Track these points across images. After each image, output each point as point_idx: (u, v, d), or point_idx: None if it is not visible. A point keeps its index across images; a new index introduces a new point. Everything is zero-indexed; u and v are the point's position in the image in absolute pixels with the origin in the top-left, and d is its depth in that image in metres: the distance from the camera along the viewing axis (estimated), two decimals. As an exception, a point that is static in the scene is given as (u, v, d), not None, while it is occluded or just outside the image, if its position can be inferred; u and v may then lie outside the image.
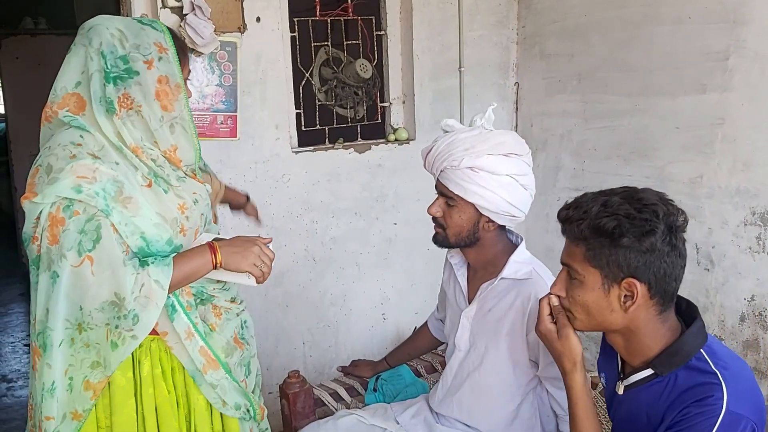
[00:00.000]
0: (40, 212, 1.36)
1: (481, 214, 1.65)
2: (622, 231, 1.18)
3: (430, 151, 1.70)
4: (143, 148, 1.45)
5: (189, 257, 1.46)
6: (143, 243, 1.43)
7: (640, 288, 1.21)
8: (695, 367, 1.21)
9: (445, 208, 1.69)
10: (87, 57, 1.41)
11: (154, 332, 1.51)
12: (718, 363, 1.20)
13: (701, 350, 1.23)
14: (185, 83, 1.50)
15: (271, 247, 1.55)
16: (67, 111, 1.42)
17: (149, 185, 1.45)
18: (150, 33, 1.44)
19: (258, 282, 1.53)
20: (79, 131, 1.41)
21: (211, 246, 1.49)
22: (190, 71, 1.57)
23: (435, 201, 1.71)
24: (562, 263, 1.31)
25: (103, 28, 1.43)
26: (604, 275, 1.23)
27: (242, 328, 1.69)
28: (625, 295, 1.23)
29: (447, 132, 1.70)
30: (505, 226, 1.73)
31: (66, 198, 1.35)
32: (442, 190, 1.69)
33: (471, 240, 1.69)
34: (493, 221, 1.66)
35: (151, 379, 1.53)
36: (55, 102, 1.43)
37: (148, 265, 1.40)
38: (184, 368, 1.57)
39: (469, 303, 1.76)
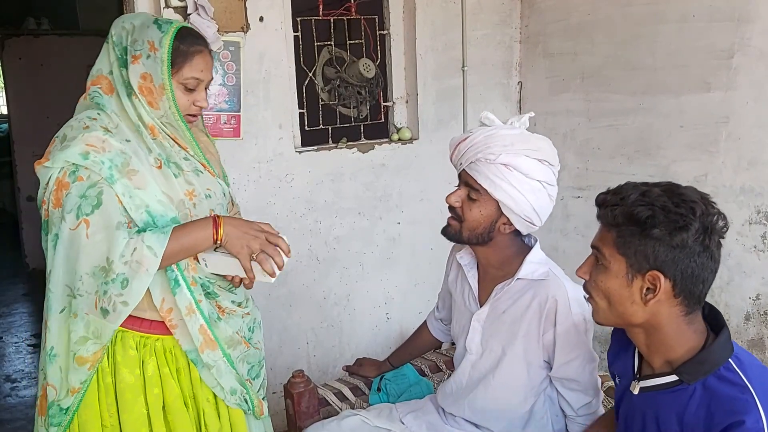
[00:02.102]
0: (50, 177, 1.42)
1: (501, 213, 1.62)
2: (654, 222, 1.16)
3: (464, 140, 1.64)
4: (159, 128, 1.51)
5: (189, 228, 1.45)
6: (149, 218, 1.45)
7: (664, 283, 1.18)
8: (725, 377, 1.18)
9: (465, 201, 1.64)
10: (109, 46, 1.51)
11: (162, 330, 1.52)
12: (747, 373, 1.17)
13: (729, 360, 1.19)
14: (196, 90, 1.52)
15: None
16: (98, 88, 1.50)
17: (159, 167, 1.49)
18: (151, 32, 1.46)
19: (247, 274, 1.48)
20: (98, 109, 1.48)
21: (215, 220, 1.46)
22: (211, 79, 1.57)
23: (456, 191, 1.66)
24: (592, 246, 1.28)
25: (121, 22, 1.51)
26: (629, 264, 1.20)
27: (249, 331, 1.68)
28: (648, 288, 1.20)
29: (484, 125, 1.66)
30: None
31: (73, 164, 1.41)
32: (467, 181, 1.64)
33: (484, 238, 1.65)
34: (510, 224, 1.63)
35: (157, 379, 1.53)
36: (91, 79, 1.53)
37: (144, 232, 1.41)
38: (189, 367, 1.56)
39: (481, 305, 1.74)
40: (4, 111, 7.19)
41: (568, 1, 2.90)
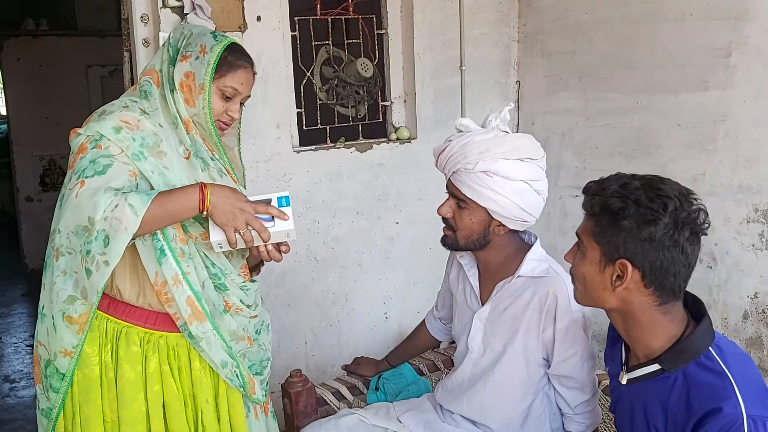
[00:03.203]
0: (77, 143, 1.47)
1: (492, 217, 1.62)
2: (625, 214, 1.21)
3: (443, 151, 1.65)
4: (194, 124, 1.57)
5: (176, 195, 1.43)
6: None
7: (632, 273, 1.23)
8: (705, 365, 1.21)
9: (456, 210, 1.65)
10: (165, 47, 1.60)
11: (167, 326, 1.53)
12: (726, 361, 1.20)
13: (710, 348, 1.22)
14: (232, 100, 1.58)
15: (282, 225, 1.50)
16: (149, 78, 1.58)
17: (187, 157, 1.54)
18: (205, 39, 1.55)
19: (231, 245, 1.47)
20: (143, 97, 1.55)
21: (202, 189, 1.44)
22: (248, 96, 1.63)
23: (445, 202, 1.68)
24: (576, 234, 1.34)
25: (181, 28, 1.62)
26: (603, 252, 1.26)
27: (256, 333, 1.70)
28: (617, 276, 1.25)
29: (461, 132, 1.65)
30: None
31: (101, 134, 1.46)
32: (453, 192, 1.65)
33: (481, 243, 1.66)
34: (504, 225, 1.64)
35: (158, 376, 1.54)
36: (144, 71, 1.62)
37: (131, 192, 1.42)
38: (191, 366, 1.57)
39: (482, 304, 1.74)
40: (3, 112, 7.18)
41: (565, 0, 2.90)
